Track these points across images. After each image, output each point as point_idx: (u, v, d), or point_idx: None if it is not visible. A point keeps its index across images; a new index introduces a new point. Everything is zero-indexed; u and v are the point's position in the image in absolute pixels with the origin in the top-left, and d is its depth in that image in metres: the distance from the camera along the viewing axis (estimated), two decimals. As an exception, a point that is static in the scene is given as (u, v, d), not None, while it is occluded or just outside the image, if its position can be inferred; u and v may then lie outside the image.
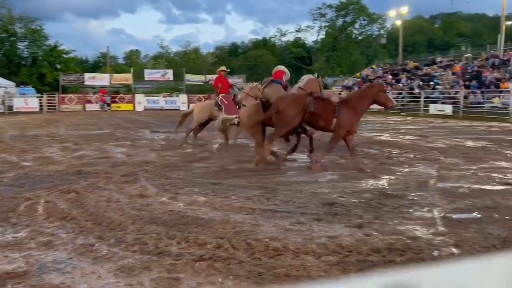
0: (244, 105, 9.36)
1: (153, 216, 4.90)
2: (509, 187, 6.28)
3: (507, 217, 4.74)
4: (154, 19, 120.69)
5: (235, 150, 10.44)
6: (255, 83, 10.44)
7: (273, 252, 3.75)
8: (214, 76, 45.44)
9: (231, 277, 3.28)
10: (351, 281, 0.30)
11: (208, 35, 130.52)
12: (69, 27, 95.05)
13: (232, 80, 46.95)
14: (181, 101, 38.92)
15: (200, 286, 3.16)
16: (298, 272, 3.35)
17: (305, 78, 9.48)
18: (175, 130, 13.23)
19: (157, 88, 46.33)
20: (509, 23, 36.91)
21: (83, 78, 43.60)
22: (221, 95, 11.60)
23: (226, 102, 11.29)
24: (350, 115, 7.63)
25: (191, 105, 13.91)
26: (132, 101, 38.94)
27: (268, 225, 4.54)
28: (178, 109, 37.44)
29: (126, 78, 44.72)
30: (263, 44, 69.50)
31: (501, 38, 31.34)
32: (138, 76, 45.48)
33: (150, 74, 44.96)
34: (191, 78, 45.80)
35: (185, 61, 54.22)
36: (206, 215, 4.90)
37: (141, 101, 38.83)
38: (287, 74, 9.70)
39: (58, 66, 50.12)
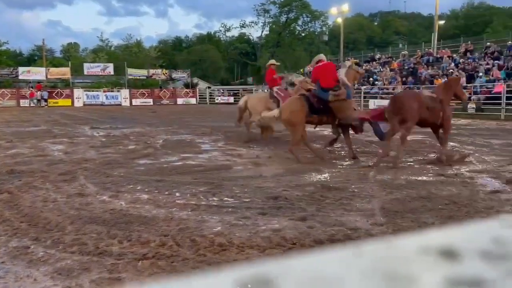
0: None
1: (93, 215, 4.72)
2: (442, 178, 6.64)
3: (440, 206, 5.01)
4: (92, 11, 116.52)
5: (180, 146, 10.30)
6: (301, 77, 10.21)
7: (218, 248, 3.74)
8: (158, 71, 44.29)
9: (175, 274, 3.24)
10: (207, 276, 0.29)
11: (151, 28, 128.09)
12: (1, 18, 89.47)
13: (176, 74, 46.35)
14: (122, 96, 37.85)
15: (143, 286, 3.08)
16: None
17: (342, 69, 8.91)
18: (236, 125, 12.45)
19: (97, 83, 44.70)
20: (441, 22, 39.03)
21: (17, 72, 41.21)
22: (275, 87, 11.20)
23: (282, 94, 10.84)
24: (449, 108, 8.03)
25: (242, 99, 12.88)
26: (70, 96, 37.39)
27: (214, 221, 4.52)
28: (119, 104, 36.43)
29: (64, 72, 42.78)
30: (208, 39, 69.06)
31: (435, 37, 33.08)
32: (77, 70, 43.67)
33: (90, 68, 43.30)
34: (133, 73, 44.64)
35: (126, 54, 52.64)
36: (149, 213, 4.80)
37: (80, 96, 37.37)
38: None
39: (-11, 59, 47.03)
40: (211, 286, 0.28)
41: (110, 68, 43.32)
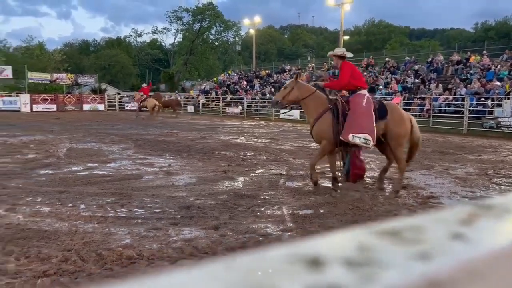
0: None
1: (-15, 231, 4.30)
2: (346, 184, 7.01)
3: (344, 211, 5.29)
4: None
5: (86, 155, 9.77)
6: None
7: (127, 261, 3.60)
8: (62, 75, 41.37)
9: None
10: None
11: (53, 30, 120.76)
12: None
13: (82, 79, 44.02)
14: (22, 102, 35.00)
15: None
16: (152, 279, 3.26)
17: None
18: None
19: (-7, 87, 41.04)
20: (346, 37, 41.51)
21: None
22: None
23: None
24: None
25: None
26: (-40, 100, 33.77)
27: (122, 233, 4.34)
28: (18, 110, 33.71)
29: (-47, 73, 38.60)
30: (118, 44, 66.68)
31: (340, 51, 35.05)
32: (-32, 72, 39.67)
33: (-16, 71, 39.53)
34: (35, 76, 41.55)
35: (27, 57, 48.90)
36: (51, 227, 4.48)
37: (-28, 101, 33.93)
38: None
39: None
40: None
41: (8, 71, 39.84)
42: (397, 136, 6.25)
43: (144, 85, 29.27)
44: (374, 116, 6.18)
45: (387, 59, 31.11)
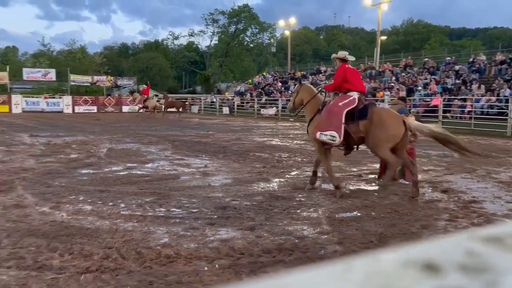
0: None
1: (31, 228, 4.49)
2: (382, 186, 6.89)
3: (382, 215, 5.20)
4: (30, 14, 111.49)
5: (125, 155, 10.03)
6: None
7: (165, 260, 3.67)
8: (102, 77, 42.71)
9: (120, 289, 3.13)
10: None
11: (93, 34, 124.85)
12: None
13: (121, 82, 45.21)
14: (64, 103, 36.34)
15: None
16: (190, 278, 3.32)
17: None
18: None
19: (38, 89, 42.75)
20: (383, 38, 40.82)
21: None
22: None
23: None
24: None
25: None
26: (8, 102, 35.34)
27: (160, 232, 4.43)
28: (61, 112, 34.99)
29: (1, 77, 40.46)
30: (155, 47, 68.06)
31: (377, 51, 34.50)
32: (16, 75, 41.53)
33: (30, 74, 41.27)
34: (77, 79, 43.07)
35: (70, 60, 50.69)
36: (93, 225, 4.63)
37: (19, 103, 35.45)
38: None
39: None
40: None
41: (52, 74, 41.49)
42: (373, 137, 6.11)
43: (144, 86, 31.05)
44: (344, 114, 6.22)
45: (426, 59, 30.33)
